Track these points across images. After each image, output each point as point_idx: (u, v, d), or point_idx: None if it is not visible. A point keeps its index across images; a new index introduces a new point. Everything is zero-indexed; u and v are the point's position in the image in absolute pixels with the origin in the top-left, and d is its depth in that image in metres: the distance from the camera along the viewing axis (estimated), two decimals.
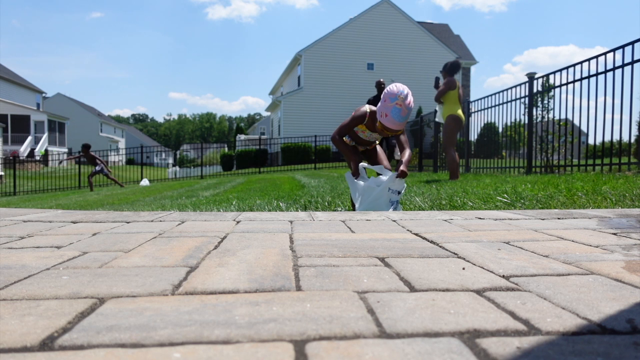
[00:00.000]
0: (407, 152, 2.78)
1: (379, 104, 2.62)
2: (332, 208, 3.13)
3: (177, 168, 32.52)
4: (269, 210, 3.01)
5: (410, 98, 2.53)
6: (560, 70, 6.05)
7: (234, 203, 3.85)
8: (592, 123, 5.40)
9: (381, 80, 8.29)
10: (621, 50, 4.93)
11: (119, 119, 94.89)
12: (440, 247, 1.30)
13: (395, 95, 2.52)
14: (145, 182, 14.08)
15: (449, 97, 5.61)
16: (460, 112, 5.60)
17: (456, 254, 1.20)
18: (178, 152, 50.54)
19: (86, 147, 13.18)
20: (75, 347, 0.59)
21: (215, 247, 1.29)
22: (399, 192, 2.59)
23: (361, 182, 2.66)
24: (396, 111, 2.52)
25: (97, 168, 13.06)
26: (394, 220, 1.87)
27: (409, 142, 2.90)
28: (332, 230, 1.62)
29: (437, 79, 6.09)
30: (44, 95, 37.37)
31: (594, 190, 3.08)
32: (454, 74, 5.63)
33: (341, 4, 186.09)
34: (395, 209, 2.57)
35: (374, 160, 2.97)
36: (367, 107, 2.76)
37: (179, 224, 1.79)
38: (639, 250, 1.24)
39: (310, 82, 24.19)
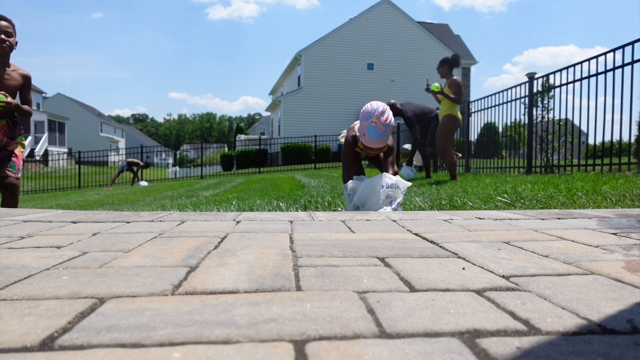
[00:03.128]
0: (390, 171, 2.72)
1: (359, 124, 2.60)
2: (332, 208, 3.13)
3: (177, 168, 32.51)
4: (269, 210, 3.01)
5: (387, 115, 2.49)
6: (560, 70, 6.05)
7: (234, 203, 3.85)
8: (592, 123, 5.41)
9: (392, 101, 6.59)
10: (621, 50, 4.93)
11: (119, 119, 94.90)
12: (440, 247, 1.30)
13: (369, 113, 2.50)
14: (143, 183, 14.27)
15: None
16: (458, 112, 5.37)
17: (456, 254, 1.20)
18: (178, 152, 50.57)
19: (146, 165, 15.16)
20: (75, 347, 0.59)
21: (215, 247, 1.29)
22: (398, 188, 2.54)
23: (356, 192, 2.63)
24: (372, 129, 2.49)
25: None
26: (394, 220, 1.87)
27: (394, 165, 2.84)
28: (332, 230, 1.62)
29: (428, 82, 5.89)
30: (44, 95, 37.37)
31: (594, 190, 3.08)
32: (454, 68, 5.42)
33: (341, 4, 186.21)
34: (395, 209, 2.56)
35: (378, 165, 2.95)
36: (356, 129, 2.72)
37: (179, 224, 1.79)
38: (639, 250, 1.24)
39: (310, 82, 24.19)
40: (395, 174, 2.71)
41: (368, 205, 2.53)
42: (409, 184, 2.60)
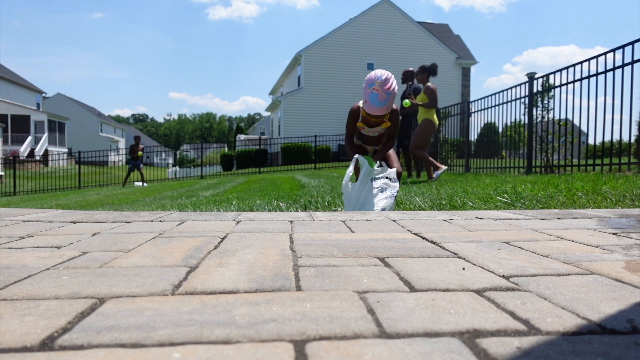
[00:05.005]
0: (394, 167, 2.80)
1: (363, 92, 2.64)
2: (332, 208, 3.13)
3: (177, 168, 32.53)
4: (269, 210, 3.01)
5: (390, 83, 2.51)
6: (560, 70, 6.05)
7: (234, 203, 3.85)
8: (592, 123, 5.40)
9: (411, 69, 6.95)
10: (621, 50, 4.93)
11: (119, 119, 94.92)
12: (440, 247, 1.30)
13: (372, 80, 2.53)
14: (138, 183, 14.32)
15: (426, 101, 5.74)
16: (435, 117, 5.76)
17: (456, 254, 1.20)
18: (178, 152, 50.58)
19: (137, 139, 14.18)
20: (75, 347, 0.59)
21: (215, 247, 1.29)
22: (389, 179, 2.58)
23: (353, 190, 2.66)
24: (374, 96, 2.51)
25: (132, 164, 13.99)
26: (394, 220, 1.87)
27: (397, 160, 2.90)
28: (332, 230, 1.62)
29: (410, 87, 6.11)
30: (44, 95, 37.37)
31: (594, 190, 3.08)
32: (432, 76, 5.81)
33: (341, 4, 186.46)
34: (390, 207, 2.56)
35: (385, 161, 2.98)
36: (361, 102, 2.76)
37: (179, 224, 1.79)
38: (639, 250, 1.24)
39: (310, 82, 24.17)
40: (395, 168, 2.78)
41: (363, 200, 2.55)
42: (393, 170, 2.65)
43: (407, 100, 5.47)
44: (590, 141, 5.76)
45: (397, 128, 2.80)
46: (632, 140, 5.79)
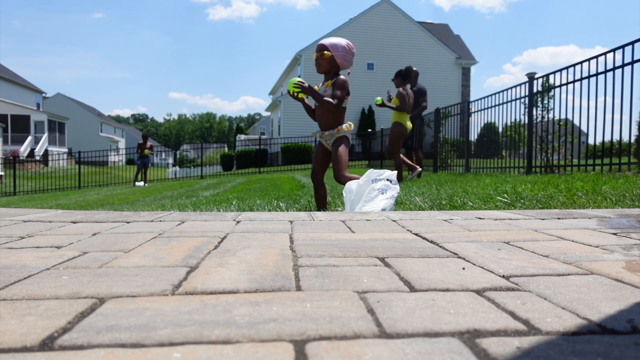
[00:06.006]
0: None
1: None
2: (332, 208, 3.13)
3: (177, 168, 32.52)
4: (269, 210, 3.01)
5: (334, 42, 3.05)
6: (560, 70, 6.04)
7: (234, 203, 3.85)
8: (592, 123, 5.40)
9: (415, 68, 6.60)
10: (621, 50, 4.93)
11: (119, 119, 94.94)
12: (440, 247, 1.30)
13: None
14: (140, 183, 14.34)
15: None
16: (407, 122, 5.82)
17: (456, 254, 1.20)
18: (178, 152, 50.58)
19: (145, 137, 14.16)
20: (75, 347, 0.59)
21: (215, 247, 1.29)
22: (390, 180, 2.59)
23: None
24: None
25: (140, 161, 13.89)
26: (394, 220, 1.87)
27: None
28: (332, 230, 1.62)
29: (389, 93, 6.16)
30: (44, 95, 37.38)
31: (594, 190, 3.08)
32: (408, 80, 5.85)
33: (341, 4, 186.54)
34: (390, 207, 2.56)
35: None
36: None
37: (179, 224, 1.79)
38: (639, 250, 1.24)
39: (310, 82, 23.76)
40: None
41: (363, 201, 2.55)
42: (394, 172, 2.66)
43: (378, 98, 5.53)
44: (590, 141, 5.76)
45: (336, 97, 3.01)
46: (632, 140, 5.79)
